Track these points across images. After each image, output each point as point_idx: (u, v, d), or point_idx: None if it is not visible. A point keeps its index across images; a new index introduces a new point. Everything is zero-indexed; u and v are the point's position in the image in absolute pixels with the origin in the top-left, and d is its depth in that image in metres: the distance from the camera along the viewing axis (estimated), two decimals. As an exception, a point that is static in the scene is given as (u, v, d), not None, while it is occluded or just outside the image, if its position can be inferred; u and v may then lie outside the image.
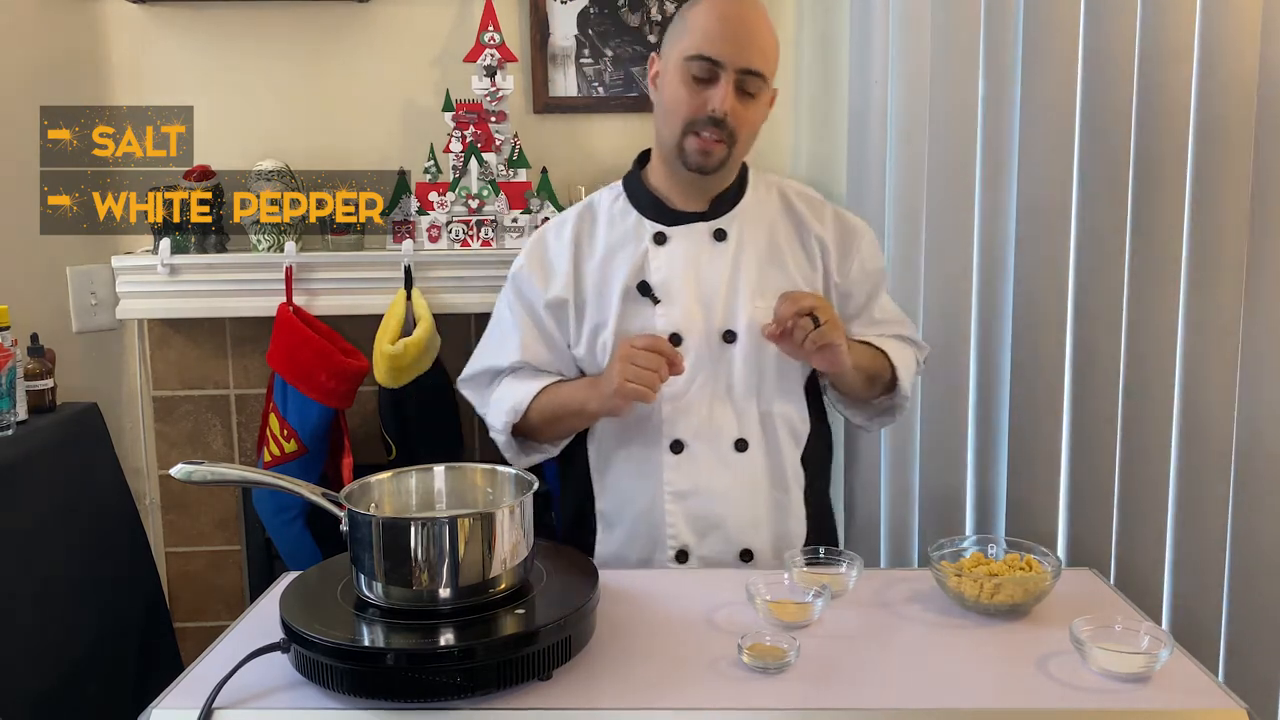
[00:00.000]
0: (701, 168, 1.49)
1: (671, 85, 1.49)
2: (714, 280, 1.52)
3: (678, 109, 1.47)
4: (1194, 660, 1.13)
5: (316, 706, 1.05)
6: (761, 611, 1.20)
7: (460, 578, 1.10)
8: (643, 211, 1.57)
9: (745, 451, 1.52)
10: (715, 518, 1.52)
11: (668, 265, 1.53)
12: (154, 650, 2.10)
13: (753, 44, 1.46)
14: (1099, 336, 1.93)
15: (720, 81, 1.44)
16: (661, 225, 1.55)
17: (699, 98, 1.45)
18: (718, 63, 1.44)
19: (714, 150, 1.47)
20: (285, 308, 2.04)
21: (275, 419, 2.06)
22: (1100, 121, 1.89)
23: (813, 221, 1.58)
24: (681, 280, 1.52)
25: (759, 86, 1.47)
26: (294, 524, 2.07)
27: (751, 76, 1.45)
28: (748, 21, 1.46)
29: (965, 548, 1.35)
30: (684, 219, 1.55)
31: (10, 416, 1.79)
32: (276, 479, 1.20)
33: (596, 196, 1.64)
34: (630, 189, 1.60)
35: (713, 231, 1.55)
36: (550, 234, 1.62)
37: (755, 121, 1.51)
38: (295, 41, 2.19)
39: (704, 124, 1.46)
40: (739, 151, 1.51)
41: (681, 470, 1.52)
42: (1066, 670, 1.10)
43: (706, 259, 1.53)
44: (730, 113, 1.45)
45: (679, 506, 1.52)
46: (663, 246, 1.54)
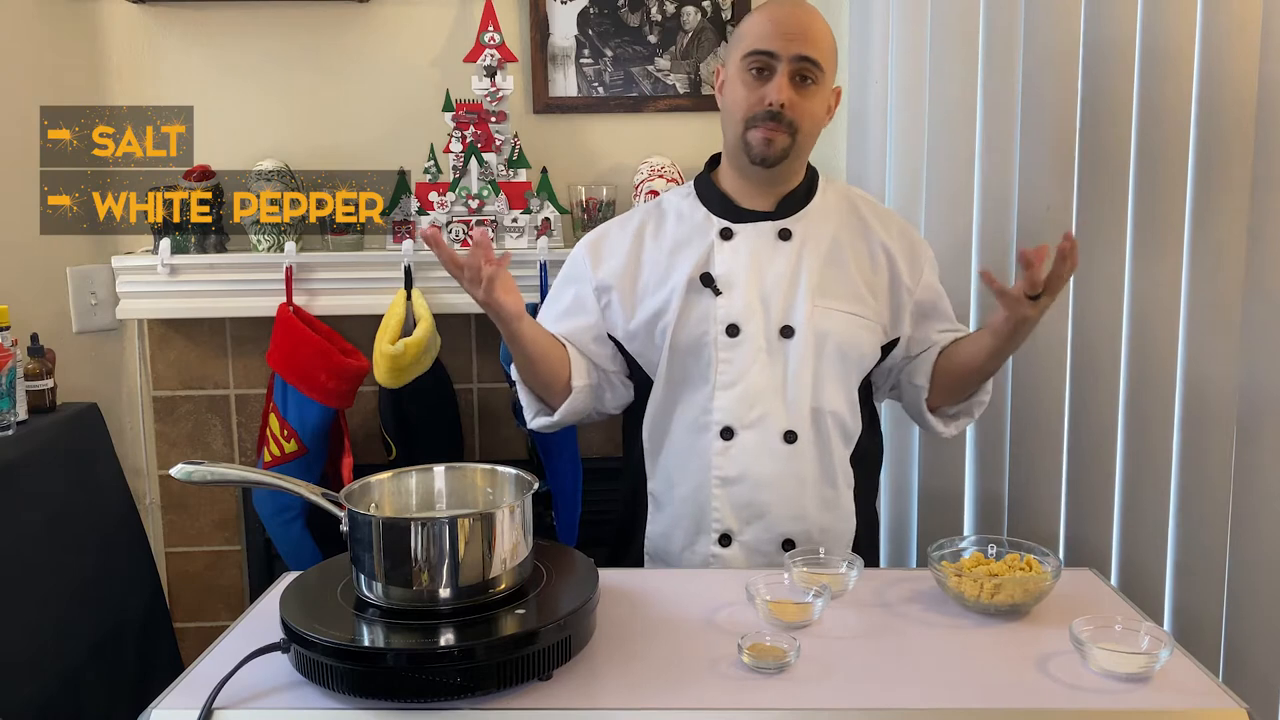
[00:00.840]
0: (765, 159, 1.52)
1: (731, 86, 1.55)
2: (775, 277, 1.55)
3: (737, 107, 1.53)
4: (1194, 660, 1.13)
5: (316, 706, 1.05)
6: (761, 611, 1.21)
7: (460, 578, 1.10)
8: (711, 209, 1.61)
9: (794, 443, 1.54)
10: (760, 505, 1.54)
11: (732, 259, 1.56)
12: (154, 650, 2.10)
13: (805, 35, 1.51)
14: (1100, 335, 1.93)
15: (776, 74, 1.50)
16: (728, 222, 1.59)
17: (756, 93, 1.51)
18: (772, 54, 1.49)
19: (775, 139, 1.51)
20: (285, 308, 2.05)
21: (275, 419, 2.06)
22: (1101, 120, 1.89)
23: (879, 229, 1.62)
24: (744, 275, 1.55)
25: (816, 75, 1.51)
26: (294, 524, 2.07)
27: (807, 64, 1.50)
28: (799, 17, 1.52)
29: (965, 548, 1.35)
30: (751, 217, 1.58)
31: (10, 416, 1.79)
32: (276, 479, 1.20)
33: (666, 196, 1.69)
34: (701, 188, 1.64)
35: (778, 231, 1.58)
36: (616, 225, 1.68)
37: (816, 113, 1.54)
38: (295, 42, 2.19)
39: (762, 117, 1.50)
40: (802, 143, 1.54)
41: (730, 456, 1.54)
42: (1066, 670, 1.10)
43: (769, 256, 1.56)
44: (788, 103, 1.49)
45: (725, 492, 1.54)
46: (728, 242, 1.58)
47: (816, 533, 1.55)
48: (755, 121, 1.51)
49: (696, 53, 2.20)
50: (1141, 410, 1.91)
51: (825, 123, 1.60)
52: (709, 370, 1.55)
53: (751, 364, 1.53)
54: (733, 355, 1.54)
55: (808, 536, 1.54)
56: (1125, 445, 1.94)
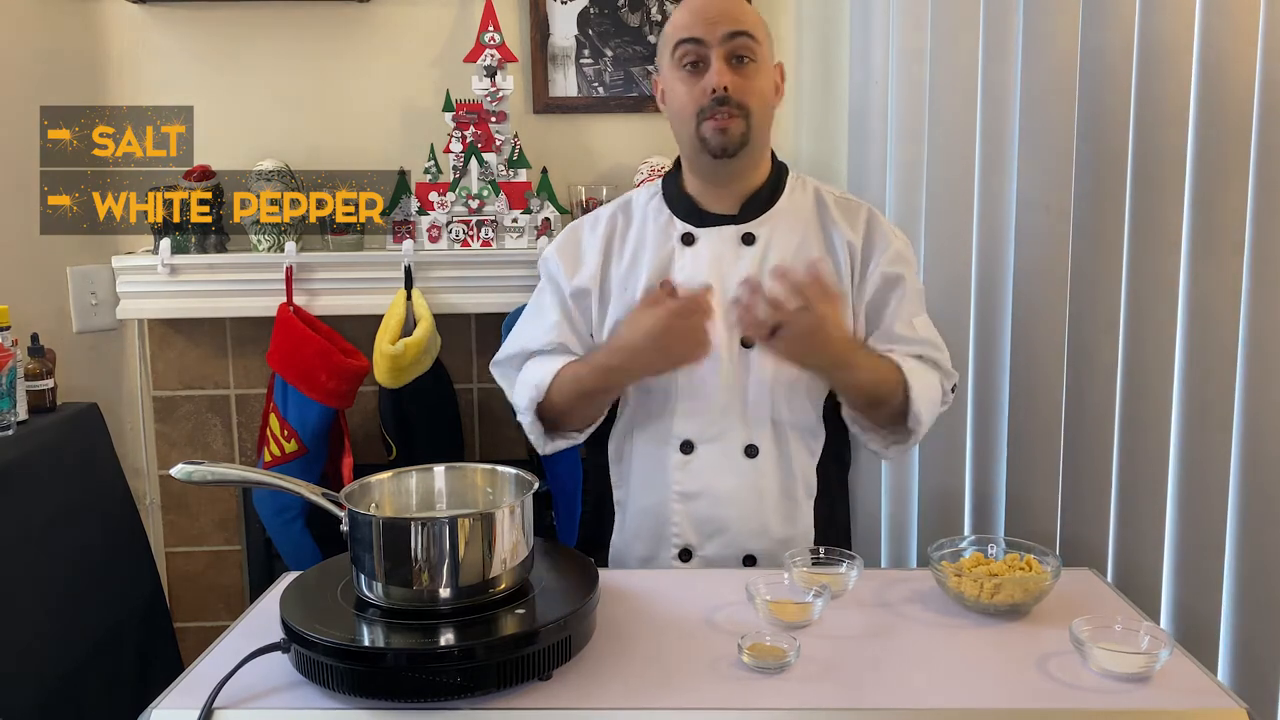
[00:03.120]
0: (725, 148, 1.46)
1: (671, 89, 1.51)
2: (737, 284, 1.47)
3: (681, 105, 1.49)
4: (1194, 660, 1.13)
5: (316, 706, 1.05)
6: (761, 611, 1.20)
7: (460, 578, 1.10)
8: (675, 211, 1.56)
9: (755, 458, 1.51)
10: (720, 521, 1.51)
11: (692, 266, 1.52)
12: (154, 650, 2.10)
13: (728, 13, 1.46)
14: (1098, 335, 1.93)
15: (711, 61, 1.45)
16: (691, 226, 1.54)
17: (697, 87, 1.46)
18: (700, 40, 1.45)
19: (729, 126, 1.45)
20: (285, 308, 2.05)
21: (275, 419, 2.06)
22: (1100, 120, 1.89)
23: (845, 227, 1.55)
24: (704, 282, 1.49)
25: (752, 49, 1.46)
26: (294, 524, 2.07)
27: (739, 40, 1.45)
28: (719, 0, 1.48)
29: (965, 548, 1.35)
30: (714, 221, 1.54)
31: (10, 416, 1.79)
32: (276, 479, 1.19)
33: (635, 194, 1.64)
34: (667, 188, 1.60)
35: (741, 235, 1.53)
36: (585, 227, 1.62)
37: (763, 91, 1.49)
38: (295, 41, 2.19)
39: (710, 107, 1.45)
40: (757, 126, 1.48)
41: (690, 471, 1.51)
42: (1066, 670, 1.09)
43: (731, 262, 1.51)
44: (731, 86, 1.44)
45: (685, 507, 1.51)
46: (689, 247, 1.53)
47: (777, 547, 1.51)
48: (704, 114, 1.46)
49: (696, 53, 2.19)
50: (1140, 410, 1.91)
51: (776, 102, 1.54)
52: (669, 383, 1.50)
53: (712, 376, 1.48)
54: (693, 367, 1.46)
55: (768, 552, 1.51)
56: (1124, 445, 1.93)
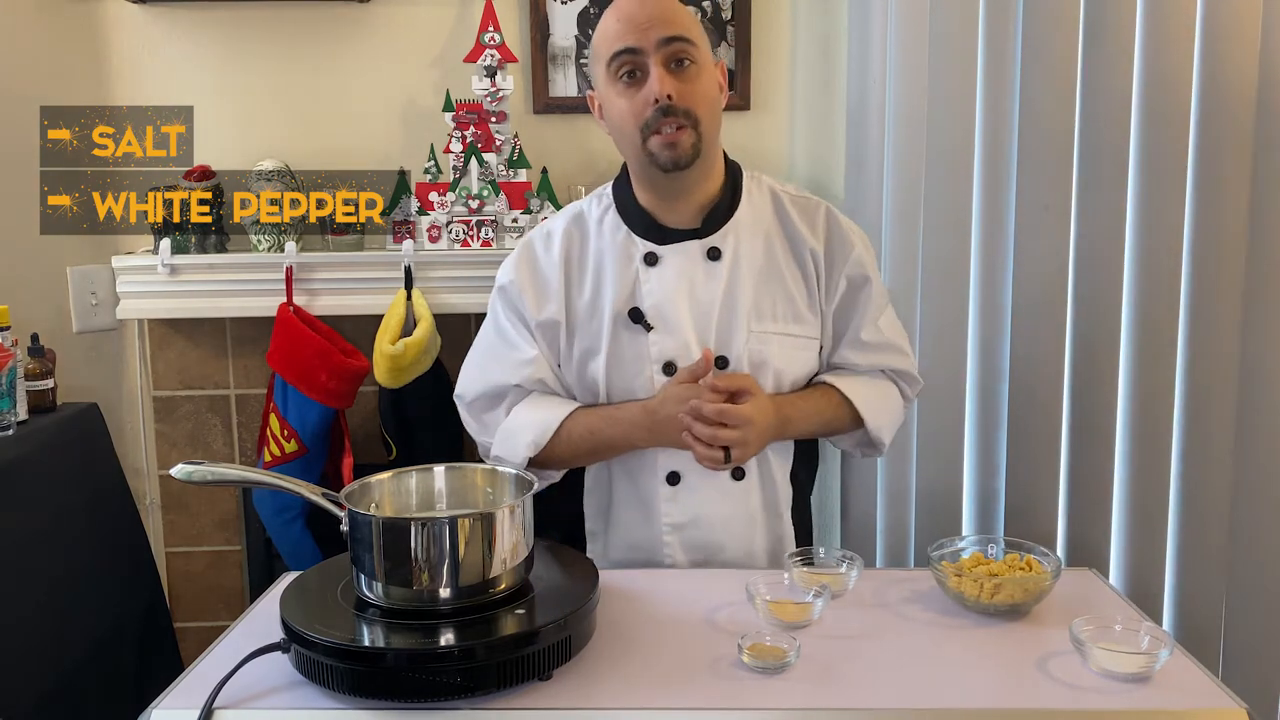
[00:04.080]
0: (676, 162, 1.39)
1: (610, 100, 1.43)
2: (708, 303, 1.45)
3: (624, 120, 1.41)
4: (1194, 660, 1.13)
5: (316, 706, 1.05)
6: (761, 611, 1.20)
7: (460, 578, 1.10)
8: (632, 227, 1.49)
9: (742, 480, 1.49)
10: (714, 547, 1.49)
11: (660, 289, 1.45)
12: (154, 650, 2.10)
13: (661, 17, 1.38)
14: (1098, 335, 1.93)
15: (649, 70, 1.38)
16: (652, 244, 1.47)
17: (638, 99, 1.39)
18: (636, 50, 1.38)
19: (680, 139, 1.38)
20: (285, 308, 2.05)
21: (275, 419, 2.06)
22: (1100, 119, 1.89)
23: (806, 233, 1.49)
24: (675, 305, 1.44)
25: (690, 52, 1.39)
26: (294, 524, 2.07)
27: (676, 44, 1.37)
28: (646, 3, 1.39)
29: (965, 548, 1.35)
30: (676, 236, 1.47)
31: (10, 416, 1.79)
32: (276, 479, 1.20)
33: (585, 206, 1.55)
34: (620, 199, 1.51)
35: (706, 250, 1.46)
36: (539, 247, 1.53)
37: (708, 95, 1.41)
38: (295, 41, 2.19)
39: (655, 119, 1.37)
40: (707, 133, 1.41)
41: (679, 502, 1.48)
42: (1066, 670, 1.09)
43: (700, 280, 1.45)
44: (675, 93, 1.37)
45: (677, 538, 1.49)
46: (654, 268, 1.46)
47: (764, 560, 1.51)
48: (649, 127, 1.38)
49: (696, 53, 2.19)
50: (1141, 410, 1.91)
51: (723, 103, 1.46)
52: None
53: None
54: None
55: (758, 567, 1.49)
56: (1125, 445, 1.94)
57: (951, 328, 2.01)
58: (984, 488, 2.07)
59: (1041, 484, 2.00)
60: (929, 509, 2.09)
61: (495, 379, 1.50)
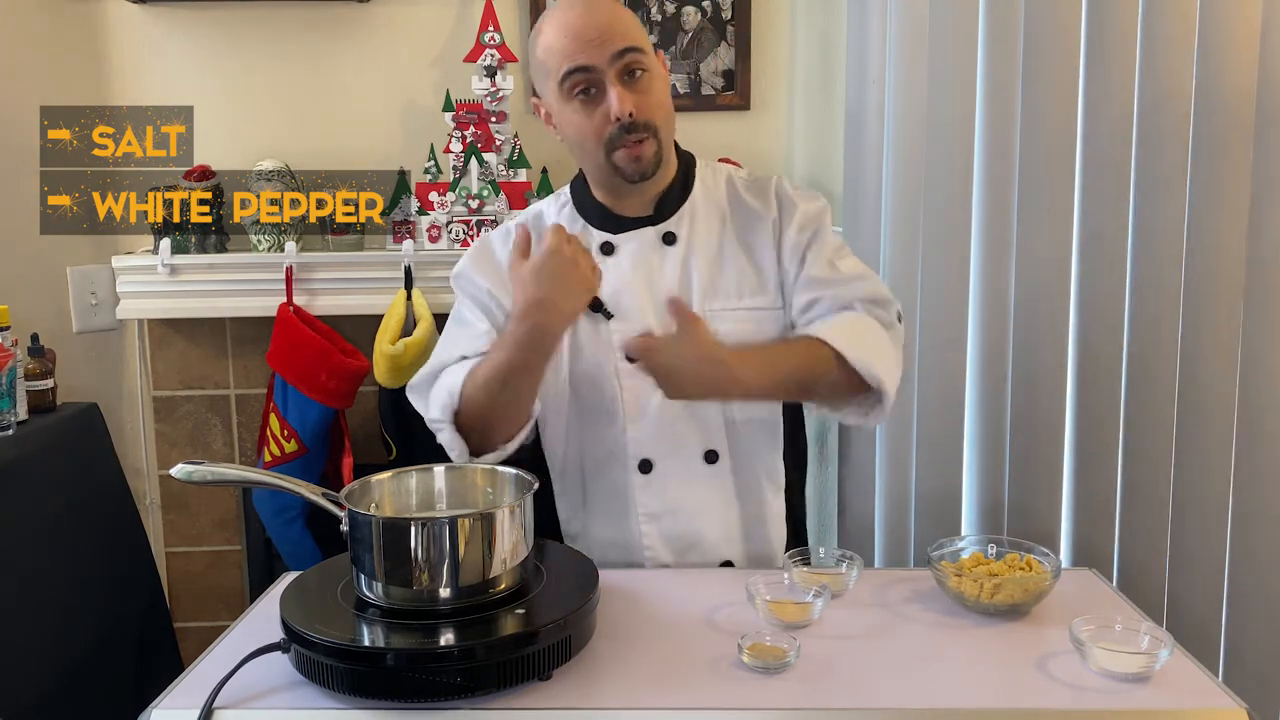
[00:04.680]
0: (643, 173, 1.40)
1: (565, 117, 1.41)
2: (665, 287, 1.44)
3: (585, 137, 1.39)
4: (1194, 660, 1.13)
5: (316, 706, 1.05)
6: (761, 611, 1.21)
7: (460, 578, 1.10)
8: (589, 220, 1.49)
9: (716, 463, 1.46)
10: (693, 535, 1.47)
11: (617, 277, 1.44)
12: (154, 650, 2.10)
13: (610, 29, 1.35)
14: (1100, 336, 1.93)
15: (605, 85, 1.36)
16: (608, 234, 1.47)
17: (596, 115, 1.37)
18: (590, 69, 1.35)
19: (643, 153, 1.38)
20: (285, 308, 2.05)
21: (275, 419, 2.06)
22: (1102, 120, 1.89)
23: (760, 207, 1.48)
24: (632, 292, 1.44)
25: (643, 62, 1.37)
26: (294, 524, 2.07)
27: (629, 55, 1.35)
28: (594, 16, 1.36)
29: (965, 547, 1.35)
30: (630, 225, 1.47)
31: (10, 416, 1.79)
32: (276, 479, 1.19)
33: (544, 205, 1.57)
34: (577, 197, 1.52)
35: (661, 235, 1.47)
36: (496, 241, 1.52)
37: (663, 103, 1.41)
38: (295, 41, 2.19)
39: (618, 136, 1.37)
40: (666, 140, 1.42)
41: (652, 490, 1.46)
42: (1066, 670, 1.09)
43: (656, 265, 1.46)
44: (634, 108, 1.35)
45: (654, 528, 1.46)
46: (611, 257, 1.46)
47: (751, 547, 1.49)
48: (612, 144, 1.37)
49: (696, 53, 2.20)
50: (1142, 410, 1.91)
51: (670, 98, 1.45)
52: (615, 403, 1.45)
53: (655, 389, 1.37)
54: (637, 382, 1.40)
55: (745, 554, 1.48)
56: (1126, 445, 1.94)
57: (952, 327, 2.01)
58: (984, 488, 2.07)
59: (1042, 484, 2.00)
60: (929, 509, 2.09)
61: (442, 357, 1.47)
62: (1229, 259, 1.81)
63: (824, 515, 2.19)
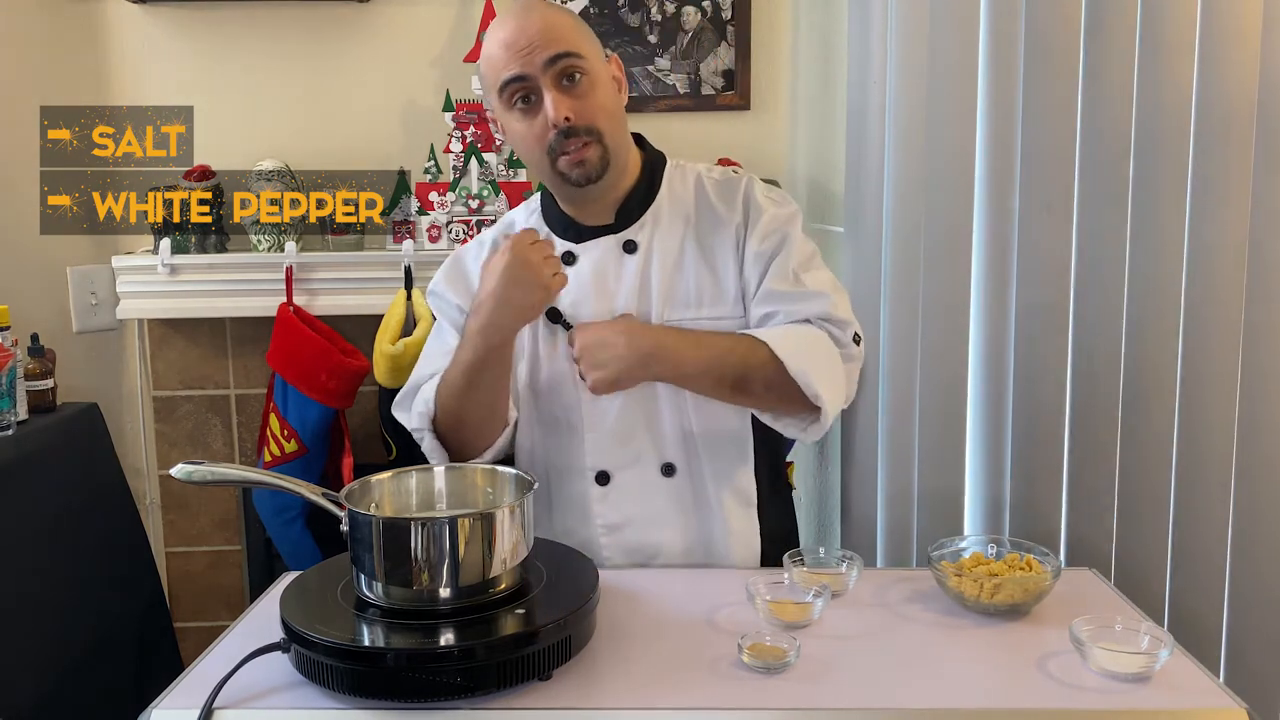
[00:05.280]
0: (588, 177, 1.38)
1: (510, 127, 1.41)
2: (625, 297, 1.42)
3: (528, 145, 1.39)
4: (1194, 660, 1.13)
5: (316, 706, 1.05)
6: (762, 611, 1.21)
7: (460, 578, 1.10)
8: (553, 229, 1.49)
9: (673, 476, 1.45)
10: (651, 548, 1.45)
11: (577, 287, 1.43)
12: (154, 650, 2.10)
13: (543, 39, 1.34)
14: (1099, 335, 1.93)
15: (541, 93, 1.35)
16: (570, 244, 1.47)
17: (537, 123, 1.37)
18: (525, 77, 1.35)
19: (586, 156, 1.37)
20: (285, 308, 2.05)
21: (275, 419, 2.06)
22: (1103, 121, 1.89)
23: (724, 211, 1.46)
24: (591, 302, 1.43)
25: (579, 66, 1.36)
26: (294, 524, 2.07)
27: (563, 61, 1.34)
28: (526, 25, 1.35)
29: (965, 547, 1.35)
30: (592, 234, 1.46)
31: (10, 416, 1.79)
32: (276, 479, 1.19)
33: (515, 214, 1.57)
34: (545, 206, 1.52)
35: (622, 244, 1.45)
36: (469, 256, 1.54)
37: (605, 105, 1.39)
38: (295, 41, 2.19)
39: (559, 142, 1.36)
40: (613, 142, 1.39)
41: (609, 502, 1.45)
42: (1066, 670, 1.09)
43: (615, 274, 1.44)
44: (572, 113, 1.35)
45: (613, 539, 1.46)
46: (571, 267, 1.45)
47: (717, 560, 1.46)
48: (554, 150, 1.37)
49: (696, 53, 2.20)
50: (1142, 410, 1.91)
51: (624, 100, 1.44)
52: (573, 413, 1.45)
53: (612, 401, 1.41)
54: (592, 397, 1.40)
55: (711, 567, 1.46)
56: (1125, 445, 1.94)
57: (954, 328, 2.01)
58: (986, 488, 2.07)
59: (1043, 484, 2.00)
60: (930, 509, 2.09)
61: (421, 372, 1.51)
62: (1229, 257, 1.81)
63: (826, 515, 2.18)
